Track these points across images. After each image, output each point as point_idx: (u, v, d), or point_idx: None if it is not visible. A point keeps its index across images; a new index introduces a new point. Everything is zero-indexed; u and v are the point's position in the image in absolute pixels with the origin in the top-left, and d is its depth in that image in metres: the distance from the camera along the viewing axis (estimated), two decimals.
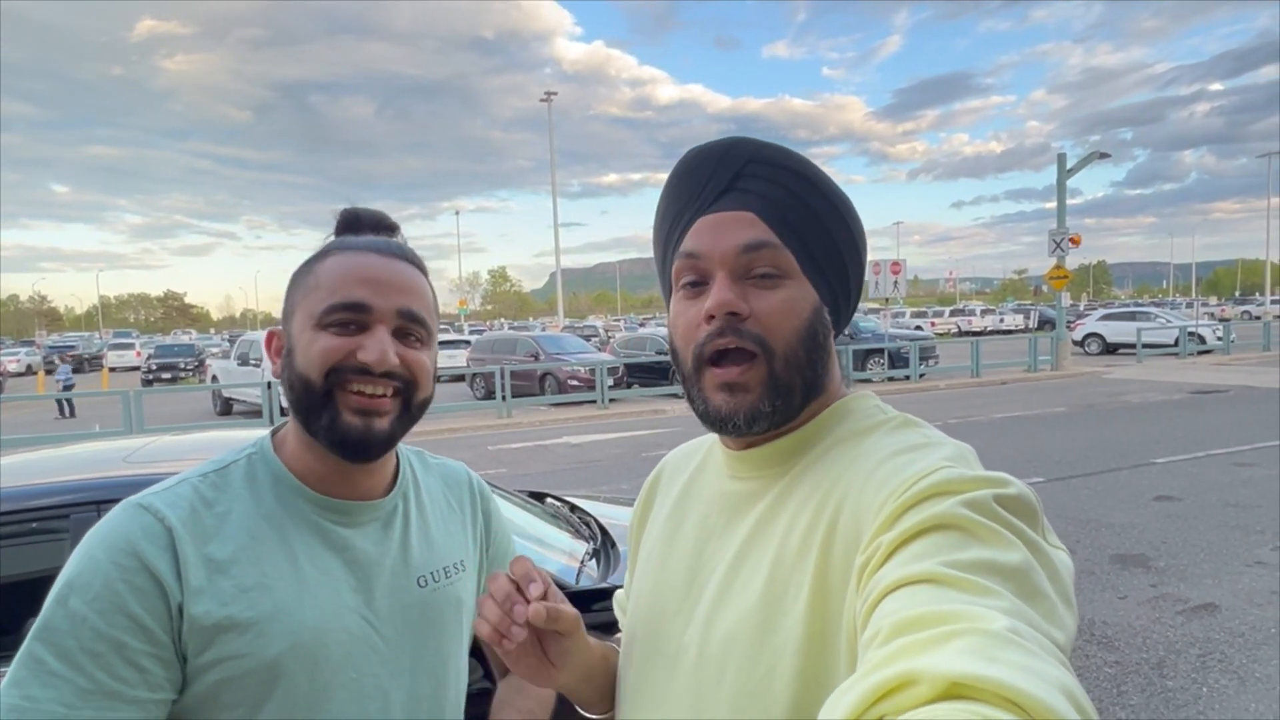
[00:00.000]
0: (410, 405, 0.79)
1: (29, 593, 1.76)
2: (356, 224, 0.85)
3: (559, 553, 2.38)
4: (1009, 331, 36.34)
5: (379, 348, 0.75)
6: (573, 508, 2.94)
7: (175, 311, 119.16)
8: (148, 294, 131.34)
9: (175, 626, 0.70)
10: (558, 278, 31.88)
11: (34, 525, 1.73)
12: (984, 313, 41.09)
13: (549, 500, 3.10)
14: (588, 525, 2.69)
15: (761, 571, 0.61)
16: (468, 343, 21.59)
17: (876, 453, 0.60)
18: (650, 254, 0.74)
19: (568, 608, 0.64)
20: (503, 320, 71.67)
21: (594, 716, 0.79)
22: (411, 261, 0.82)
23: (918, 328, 33.12)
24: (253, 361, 14.19)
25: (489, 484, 1.08)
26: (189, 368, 24.37)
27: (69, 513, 1.71)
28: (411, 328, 0.79)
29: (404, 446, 0.89)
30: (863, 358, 15.86)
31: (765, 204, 0.64)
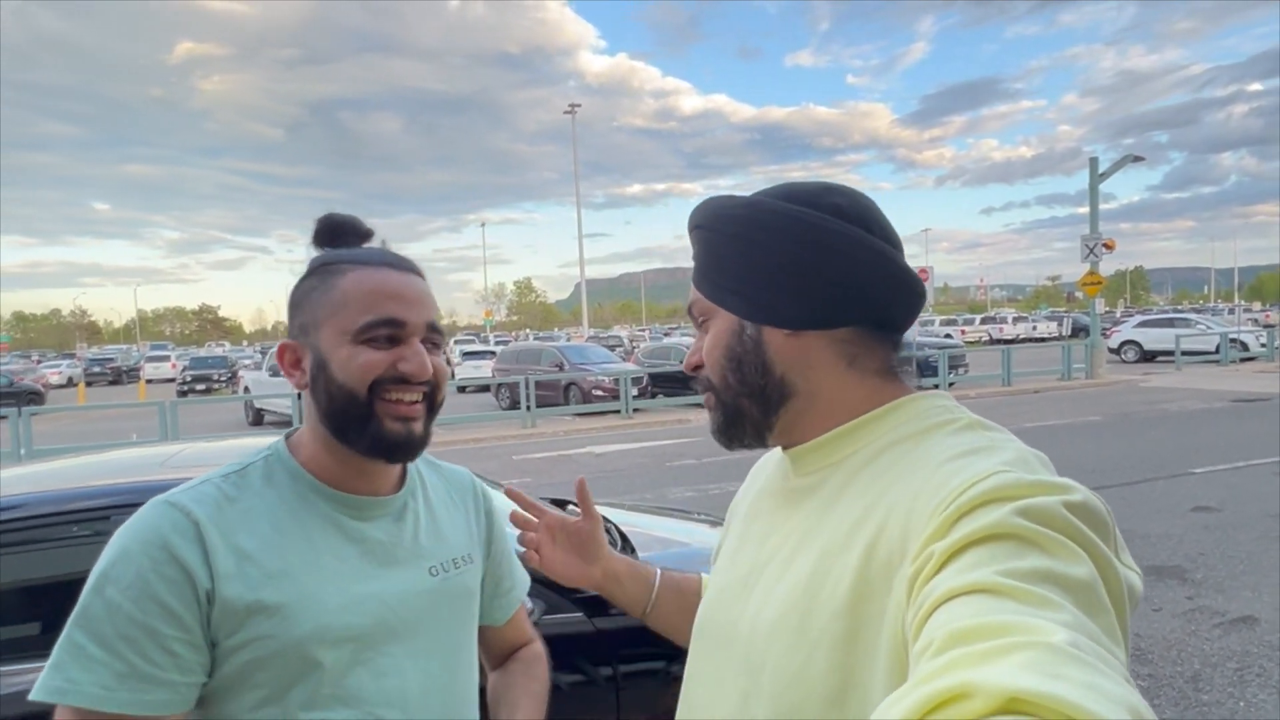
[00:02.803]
0: (434, 407, 0.86)
1: (74, 591, 1.82)
2: (339, 231, 0.90)
3: None
4: (1042, 339, 35.62)
5: (419, 360, 0.82)
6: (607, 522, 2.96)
7: (209, 324, 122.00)
8: (183, 307, 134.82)
9: (205, 613, 0.74)
10: (582, 288, 32.08)
11: (76, 526, 1.80)
12: (1016, 320, 40.29)
13: (570, 507, 3.12)
14: (608, 532, 2.70)
15: (808, 563, 0.63)
16: (493, 353, 21.79)
17: (934, 455, 0.60)
18: (673, 265, 0.82)
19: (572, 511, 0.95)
20: (528, 331, 72.16)
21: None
22: (419, 274, 0.89)
23: (947, 336, 32.75)
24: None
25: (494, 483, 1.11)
26: (222, 379, 24.92)
27: (110, 514, 1.77)
28: (434, 337, 0.86)
29: None
30: None
31: (695, 266, 0.74)
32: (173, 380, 27.73)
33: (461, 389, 20.13)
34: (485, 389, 17.73)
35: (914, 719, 0.37)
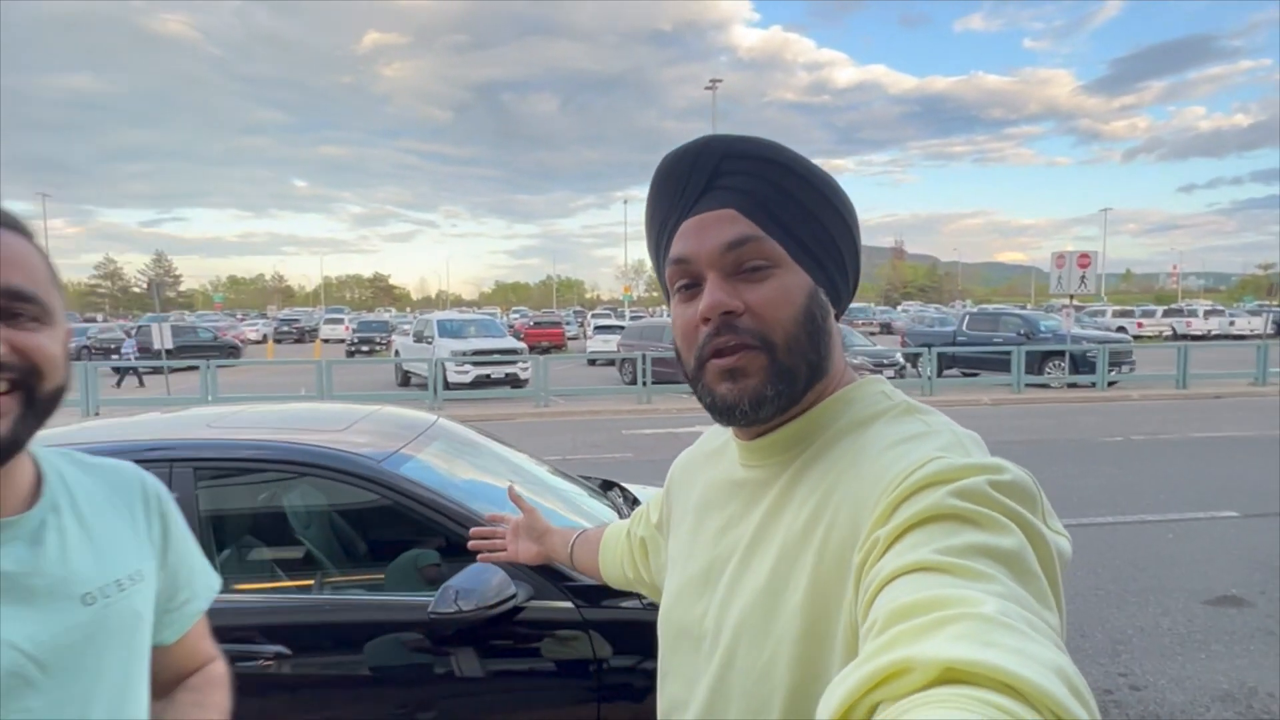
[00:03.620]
0: (35, 399, 0.68)
1: None
2: None
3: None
4: (1240, 337, 30.79)
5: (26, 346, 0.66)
6: (634, 501, 2.96)
7: (381, 291, 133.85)
8: (360, 275, 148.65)
9: None
10: None
11: None
12: (1209, 313, 35.10)
13: (614, 491, 3.14)
14: (624, 495, 2.70)
15: (768, 561, 0.63)
16: (623, 328, 22.24)
17: (875, 445, 0.61)
18: None
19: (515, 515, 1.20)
20: (663, 307, 72.69)
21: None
22: (9, 226, 0.69)
23: (1119, 329, 29.19)
24: (425, 339, 15.60)
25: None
26: (382, 342, 27.29)
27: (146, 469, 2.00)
28: (18, 307, 0.67)
29: (51, 450, 0.80)
30: (1039, 360, 14.28)
31: (745, 198, 0.64)
32: (344, 341, 30.71)
33: (591, 362, 20.81)
34: (612, 363, 18.14)
35: (858, 698, 0.38)
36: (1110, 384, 13.70)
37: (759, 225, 0.64)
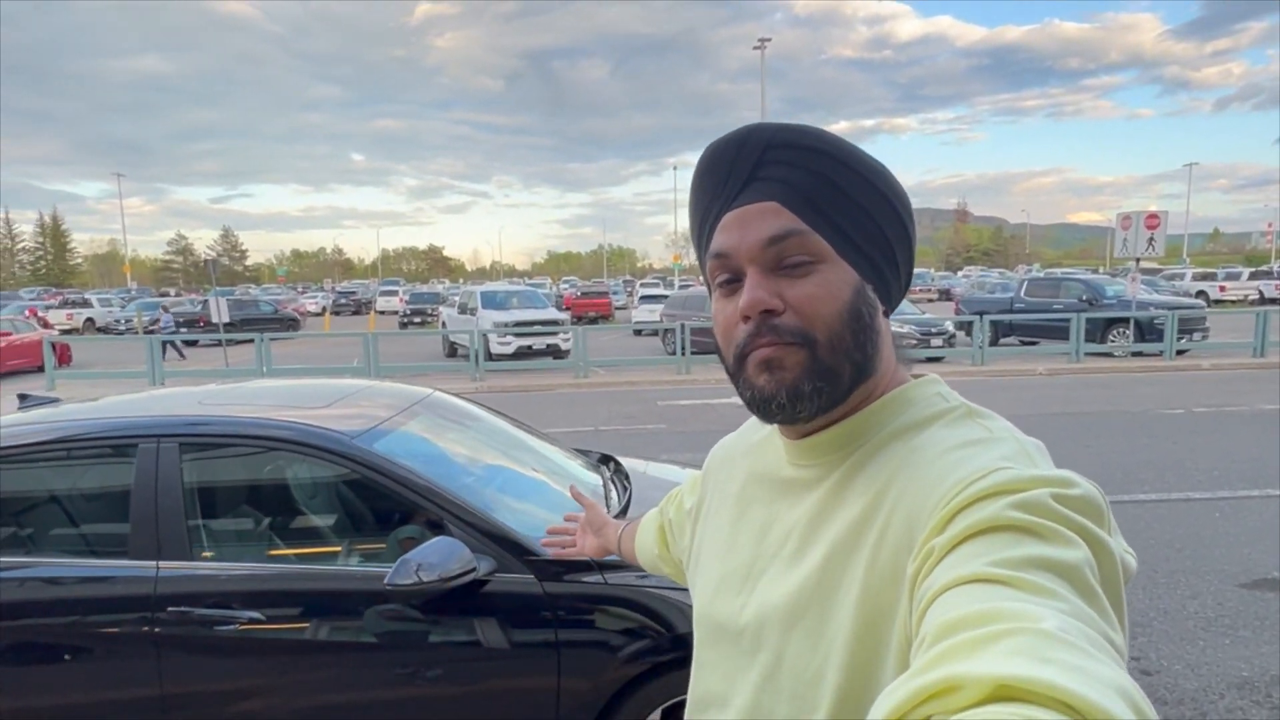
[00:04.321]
0: None
1: (108, 504, 2.21)
2: None
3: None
4: None
5: None
6: (625, 477, 2.97)
7: (435, 263, 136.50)
8: (416, 247, 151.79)
9: None
10: None
11: (108, 453, 2.16)
12: None
13: (611, 464, 3.16)
14: (621, 492, 2.71)
15: (816, 561, 0.62)
16: (667, 297, 22.14)
17: (932, 449, 0.59)
18: None
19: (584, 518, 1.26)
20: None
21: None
22: None
23: (1199, 294, 27.44)
24: (469, 311, 15.87)
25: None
26: (434, 313, 27.90)
27: (137, 443, 2.11)
28: None
29: None
30: (1103, 328, 13.60)
31: (788, 190, 0.62)
32: (398, 312, 31.56)
33: (637, 332, 20.82)
34: (656, 333, 18.13)
35: (906, 712, 0.37)
36: (1180, 353, 12.96)
37: (802, 218, 0.61)
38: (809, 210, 0.61)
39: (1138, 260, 13.37)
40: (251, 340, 13.26)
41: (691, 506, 0.89)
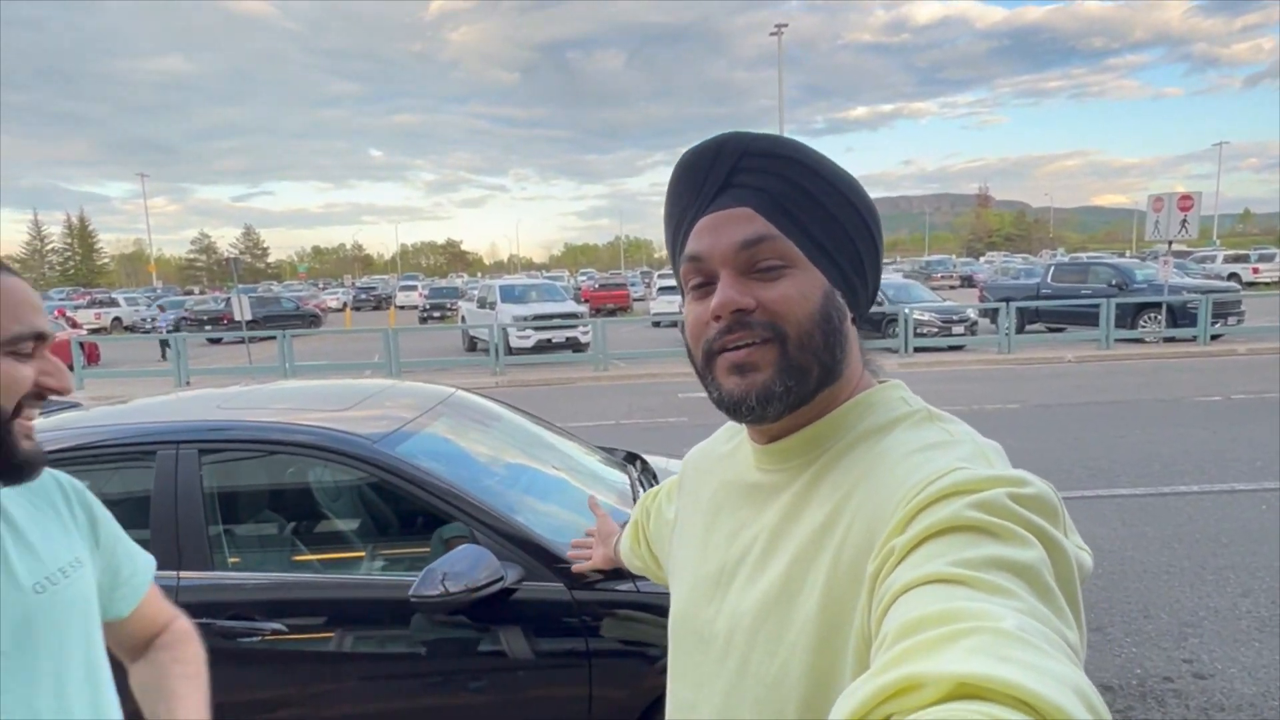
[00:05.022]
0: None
1: (127, 512, 2.17)
2: None
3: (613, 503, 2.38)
4: None
5: (64, 374, 0.80)
6: (654, 476, 2.89)
7: (454, 257, 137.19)
8: (435, 242, 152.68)
9: None
10: None
11: (126, 459, 2.12)
12: None
13: (638, 462, 3.08)
14: (651, 474, 2.64)
15: (781, 566, 0.63)
16: None
17: (894, 452, 0.61)
18: (896, 194, 0.78)
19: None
20: None
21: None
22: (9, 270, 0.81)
23: (1231, 276, 26.73)
24: (488, 305, 15.86)
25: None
26: (453, 307, 28.01)
27: (155, 450, 2.07)
28: (41, 348, 0.81)
29: None
30: (1133, 313, 13.26)
31: (762, 196, 0.64)
32: (417, 307, 31.73)
33: (656, 324, 20.72)
34: (675, 324, 18.04)
35: (868, 711, 0.37)
36: (1214, 338, 12.61)
37: (775, 224, 0.63)
38: (781, 216, 0.63)
39: (1170, 243, 13.01)
40: (274, 337, 13.36)
41: (672, 517, 0.91)
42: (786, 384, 0.63)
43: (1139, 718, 2.67)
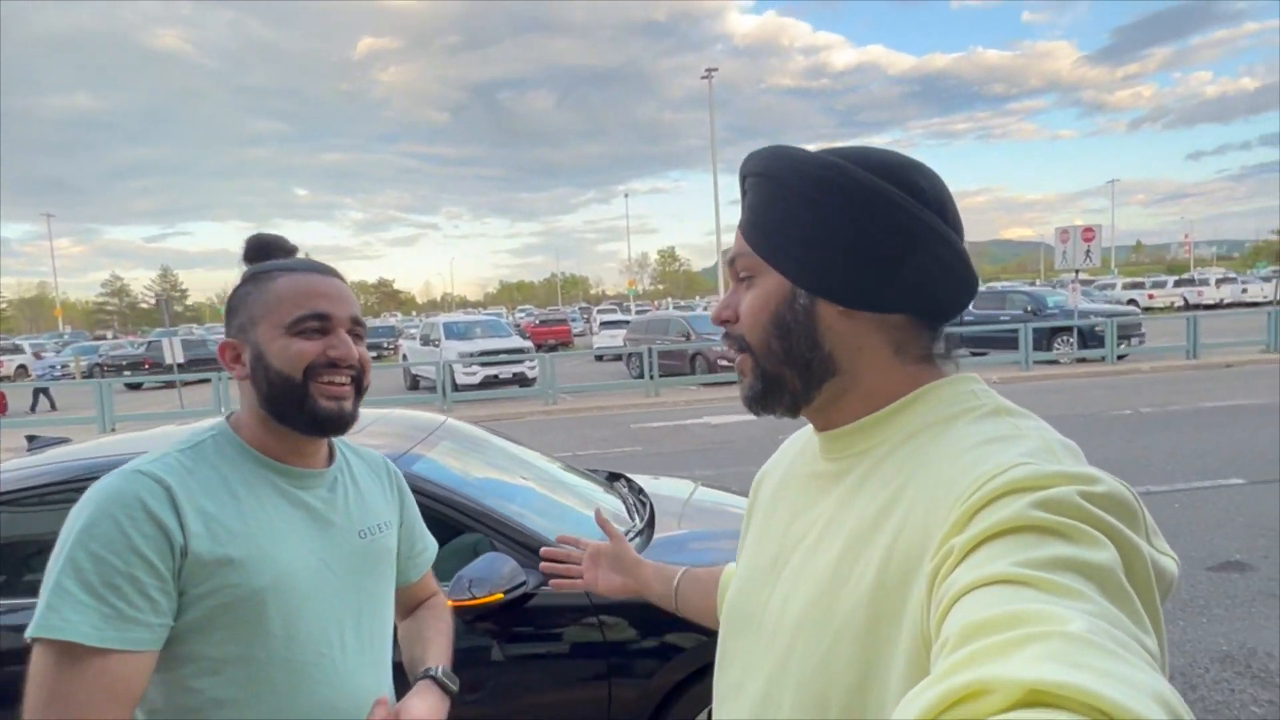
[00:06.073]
0: (360, 390, 1.01)
1: None
2: (267, 249, 1.05)
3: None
4: (1254, 304, 30.42)
5: (345, 346, 0.97)
6: (640, 491, 3.04)
7: (386, 297, 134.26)
8: (366, 281, 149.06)
9: (178, 565, 0.87)
10: (718, 256, 31.79)
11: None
12: (1221, 282, 34.71)
13: (620, 482, 3.22)
14: (641, 508, 2.78)
15: (834, 551, 0.62)
16: (629, 322, 22.28)
17: (956, 444, 0.59)
18: None
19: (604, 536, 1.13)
20: (669, 300, 72.80)
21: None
22: (340, 277, 1.02)
23: (1130, 301, 28.94)
24: (432, 342, 15.72)
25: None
26: (390, 347, 27.48)
27: None
28: (357, 329, 1.00)
29: None
30: (1048, 336, 14.26)
31: (747, 216, 0.69)
32: None
33: (599, 358, 20.86)
34: (619, 358, 18.22)
35: (933, 717, 0.36)
36: (1120, 357, 13.66)
37: (749, 239, 0.68)
38: (753, 232, 0.68)
39: (1077, 271, 14.11)
40: (207, 380, 12.88)
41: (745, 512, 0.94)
42: (764, 385, 0.68)
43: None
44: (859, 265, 0.63)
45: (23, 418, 14.23)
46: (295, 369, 0.94)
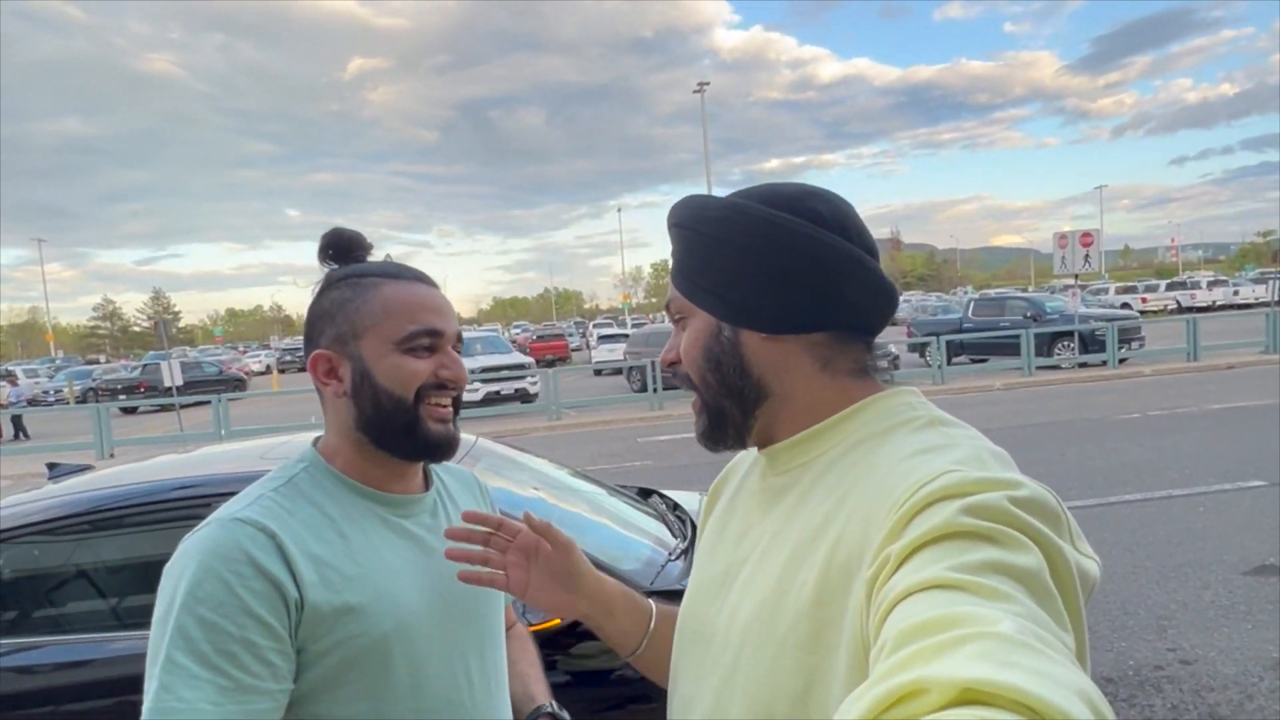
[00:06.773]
0: (458, 408, 0.94)
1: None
2: (351, 246, 0.96)
3: (651, 543, 2.44)
4: (1246, 306, 30.59)
5: (457, 367, 0.91)
6: (675, 506, 2.97)
7: None
8: None
9: (294, 621, 0.78)
10: None
11: (182, 512, 2.07)
12: (1212, 284, 34.99)
13: (654, 497, 3.16)
14: (683, 523, 2.71)
15: (779, 563, 0.64)
16: (626, 336, 22.24)
17: (892, 455, 0.61)
18: None
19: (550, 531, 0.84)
20: (664, 313, 72.72)
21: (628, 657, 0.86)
22: (438, 286, 0.95)
23: (1124, 306, 29.12)
24: None
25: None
26: None
27: (210, 502, 2.02)
28: (459, 346, 0.94)
29: None
30: (1048, 342, 14.29)
31: (674, 264, 0.75)
32: None
33: (598, 372, 20.78)
34: (618, 372, 18.16)
35: (871, 717, 0.37)
36: (1121, 361, 13.70)
37: (676, 284, 0.73)
38: (679, 277, 0.73)
39: (1076, 276, 14.16)
40: (206, 402, 12.76)
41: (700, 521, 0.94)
42: (713, 419, 0.72)
43: (1142, 703, 2.88)
44: (771, 293, 0.67)
45: (69, 439, 13.73)
46: (408, 390, 0.87)
